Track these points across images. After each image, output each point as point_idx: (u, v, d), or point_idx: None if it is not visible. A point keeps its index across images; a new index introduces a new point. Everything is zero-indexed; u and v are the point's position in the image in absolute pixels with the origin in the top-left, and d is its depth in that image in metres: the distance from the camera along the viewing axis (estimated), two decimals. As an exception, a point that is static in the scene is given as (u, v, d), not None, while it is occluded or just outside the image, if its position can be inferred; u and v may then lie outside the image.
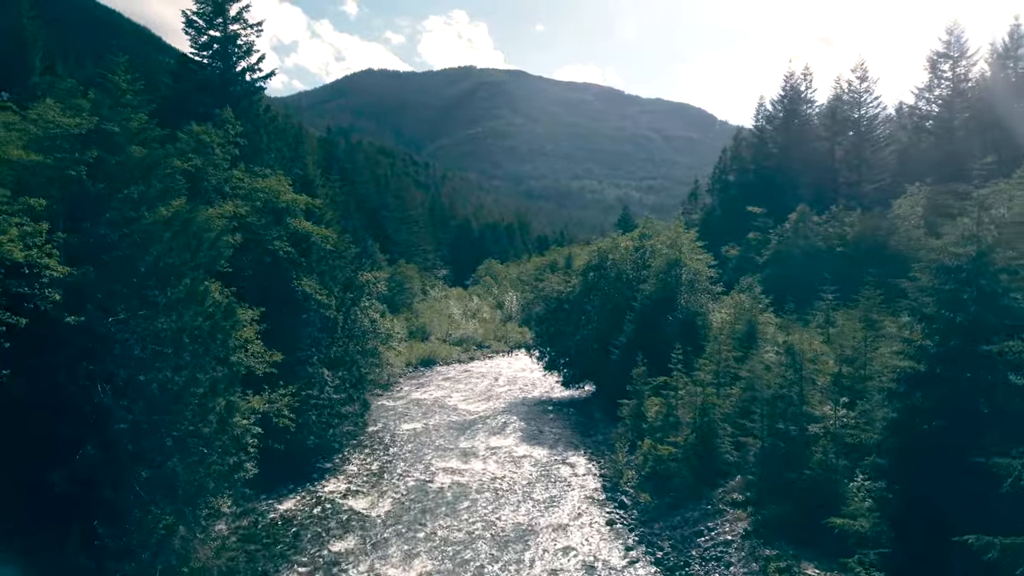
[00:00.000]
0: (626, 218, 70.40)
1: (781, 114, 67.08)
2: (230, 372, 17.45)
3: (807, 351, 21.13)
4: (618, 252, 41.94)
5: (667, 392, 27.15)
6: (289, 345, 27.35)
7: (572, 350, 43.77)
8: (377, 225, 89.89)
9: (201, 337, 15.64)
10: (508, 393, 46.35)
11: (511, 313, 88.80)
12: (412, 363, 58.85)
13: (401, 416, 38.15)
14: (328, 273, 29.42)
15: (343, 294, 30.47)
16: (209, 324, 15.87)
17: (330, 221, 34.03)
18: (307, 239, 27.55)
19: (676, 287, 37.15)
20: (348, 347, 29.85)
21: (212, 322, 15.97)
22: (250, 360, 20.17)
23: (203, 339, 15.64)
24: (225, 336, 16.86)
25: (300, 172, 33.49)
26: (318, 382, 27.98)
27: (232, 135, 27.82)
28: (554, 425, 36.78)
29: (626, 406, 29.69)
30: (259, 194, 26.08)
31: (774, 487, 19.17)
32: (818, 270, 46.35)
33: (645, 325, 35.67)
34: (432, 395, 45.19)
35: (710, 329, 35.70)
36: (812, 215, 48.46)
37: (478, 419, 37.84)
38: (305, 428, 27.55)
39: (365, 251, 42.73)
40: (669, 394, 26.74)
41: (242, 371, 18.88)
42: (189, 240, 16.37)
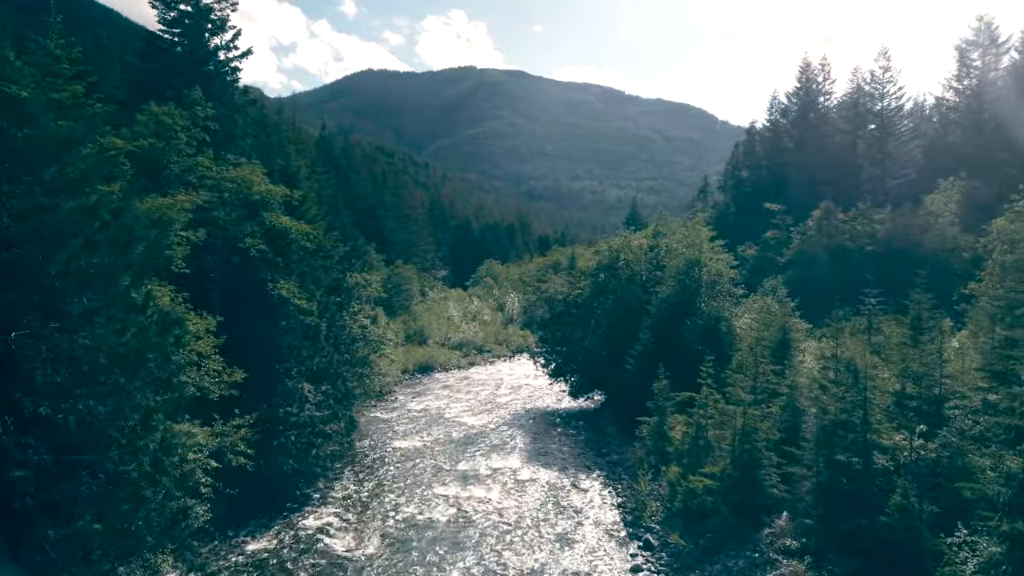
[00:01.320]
0: (634, 216, 67.19)
1: (796, 107, 63.81)
2: (173, 397, 14.13)
3: (867, 366, 17.80)
4: (630, 251, 38.63)
5: (695, 410, 23.83)
6: (263, 357, 24.10)
7: (580, 357, 40.45)
8: (374, 224, 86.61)
9: (128, 356, 12.32)
10: (511, 403, 43.03)
11: (512, 315, 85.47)
12: (409, 369, 55.57)
13: (395, 431, 34.83)
14: (310, 275, 26.13)
15: (327, 298, 27.18)
16: (139, 340, 12.53)
17: (315, 217, 30.76)
18: (285, 236, 24.25)
19: (696, 290, 33.85)
20: (333, 358, 26.53)
21: (143, 337, 12.63)
22: (203, 380, 16.83)
23: (130, 359, 12.32)
24: (163, 353, 13.55)
25: (281, 163, 30.27)
26: (297, 398, 24.68)
27: (201, 118, 24.53)
28: (562, 441, 33.46)
29: (646, 424, 26.38)
30: (228, 184, 22.76)
31: (837, 534, 15.87)
32: (847, 271, 43.17)
33: (663, 332, 32.37)
34: (429, 406, 41.88)
35: (735, 336, 32.45)
36: (837, 212, 45.16)
37: (479, 434, 34.53)
38: (282, 451, 24.27)
39: (355, 250, 39.44)
40: (697, 413, 23.42)
41: (188, 395, 15.51)
42: (119, 234, 13.05)
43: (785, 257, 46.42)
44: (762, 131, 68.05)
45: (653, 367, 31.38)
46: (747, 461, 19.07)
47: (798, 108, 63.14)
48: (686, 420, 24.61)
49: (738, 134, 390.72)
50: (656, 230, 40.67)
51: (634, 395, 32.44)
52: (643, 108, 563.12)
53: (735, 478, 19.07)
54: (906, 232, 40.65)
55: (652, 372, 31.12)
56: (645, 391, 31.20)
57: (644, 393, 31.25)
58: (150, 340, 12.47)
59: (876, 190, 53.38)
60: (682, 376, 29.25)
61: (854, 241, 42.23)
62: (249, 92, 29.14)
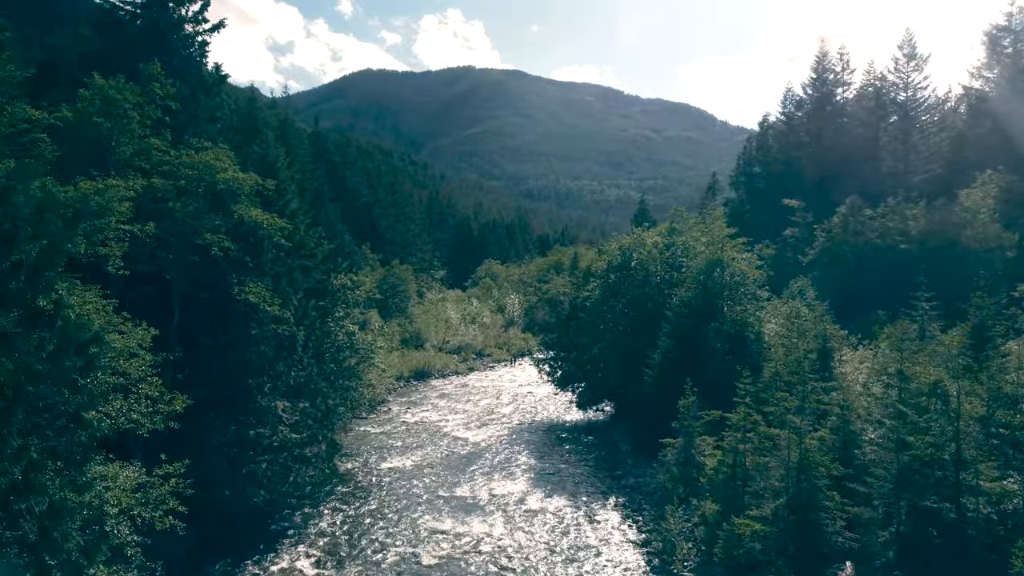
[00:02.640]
0: (643, 213, 63.87)
1: (812, 99, 60.51)
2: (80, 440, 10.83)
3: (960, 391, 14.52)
4: (644, 250, 35.34)
5: (729, 433, 20.55)
6: (231, 372, 20.84)
7: (588, 365, 37.17)
8: (369, 222, 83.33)
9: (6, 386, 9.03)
10: (513, 414, 39.76)
11: (513, 318, 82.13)
12: (404, 376, 52.35)
13: (386, 448, 31.53)
14: (286, 276, 22.84)
15: (306, 303, 23.86)
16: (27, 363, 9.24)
17: (296, 211, 27.47)
18: (256, 232, 20.94)
19: (718, 292, 30.60)
20: (312, 371, 23.22)
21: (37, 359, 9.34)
22: (133, 412, 13.49)
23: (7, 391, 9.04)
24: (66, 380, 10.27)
25: (258, 150, 27.02)
26: (270, 418, 21.40)
27: (159, 96, 21.23)
28: (571, 460, 30.17)
29: (671, 447, 23.09)
30: (187, 170, 19.46)
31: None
32: (878, 272, 39.99)
33: (683, 339, 29.11)
34: (425, 417, 38.60)
35: (764, 344, 29.22)
36: (864, 208, 41.90)
37: (478, 452, 31.25)
38: (252, 480, 21.01)
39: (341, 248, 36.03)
40: (732, 437, 20.14)
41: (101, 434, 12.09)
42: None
43: (808, 257, 43.16)
44: (775, 124, 64.78)
45: (674, 378, 28.15)
46: (804, 501, 15.80)
47: (814, 100, 59.87)
48: (718, 444, 21.35)
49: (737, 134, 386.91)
50: (671, 227, 37.41)
51: (652, 409, 29.22)
52: (642, 108, 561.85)
53: (791, 523, 15.80)
54: (943, 229, 37.41)
55: (673, 384, 27.88)
56: (665, 405, 27.96)
57: (664, 407, 28.02)
58: (30, 365, 9.14)
59: (899, 185, 50.09)
60: (707, 389, 26.05)
61: (884, 239, 38.95)
62: (222, 70, 25.77)
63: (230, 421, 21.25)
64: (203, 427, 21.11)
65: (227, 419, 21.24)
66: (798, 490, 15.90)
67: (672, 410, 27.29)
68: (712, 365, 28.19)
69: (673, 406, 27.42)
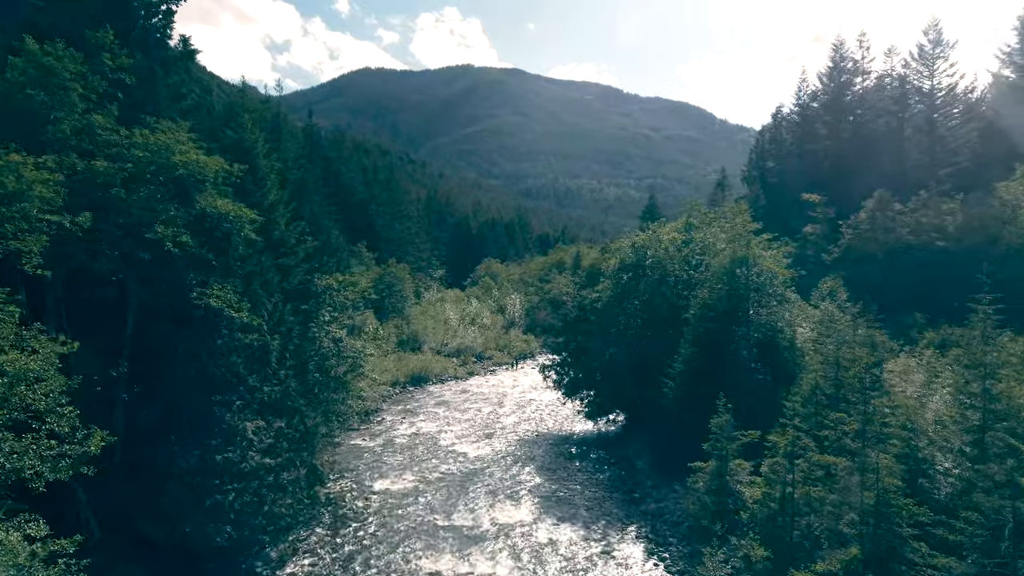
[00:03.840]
0: (652, 210, 60.81)
1: (829, 89, 57.53)
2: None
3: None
4: (660, 247, 32.38)
5: (774, 460, 17.63)
6: (192, 388, 17.88)
7: (598, 372, 34.22)
8: (366, 220, 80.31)
9: None
10: (517, 425, 36.82)
11: (514, 318, 79.21)
12: (400, 381, 49.46)
13: (378, 465, 28.57)
14: (258, 276, 19.84)
15: (283, 307, 20.87)
16: None
17: (275, 203, 24.49)
18: (221, 225, 17.96)
19: (744, 294, 27.67)
20: (289, 386, 20.23)
21: None
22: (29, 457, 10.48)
23: None
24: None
25: (233, 135, 24.07)
26: (239, 442, 18.45)
27: (109, 67, 18.28)
28: (583, 480, 27.23)
29: (701, 473, 20.12)
30: (137, 152, 16.49)
31: None
32: (910, 270, 37.03)
33: (707, 345, 26.15)
34: (421, 429, 35.65)
35: (798, 352, 26.30)
36: (893, 203, 38.99)
37: (480, 470, 28.32)
38: (215, 514, 18.04)
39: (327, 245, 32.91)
40: (777, 464, 17.20)
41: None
42: None
43: (832, 255, 40.21)
44: (789, 116, 61.81)
45: (698, 390, 25.22)
46: (884, 554, 12.86)
47: (831, 90, 56.89)
48: (757, 470, 18.45)
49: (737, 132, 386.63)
50: (687, 222, 34.46)
51: (673, 425, 26.32)
52: (641, 106, 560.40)
53: (867, 579, 12.86)
54: (983, 225, 34.47)
55: (697, 397, 24.96)
56: (689, 420, 25.05)
57: (687, 423, 25.12)
58: None
59: (925, 178, 47.18)
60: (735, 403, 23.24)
61: (918, 236, 36.02)
62: (191, 44, 22.76)
63: (193, 444, 18.33)
64: (160, 451, 18.26)
65: (189, 442, 18.32)
66: (875, 540, 12.96)
67: (697, 426, 24.36)
68: (740, 376, 25.30)
69: (698, 421, 24.49)
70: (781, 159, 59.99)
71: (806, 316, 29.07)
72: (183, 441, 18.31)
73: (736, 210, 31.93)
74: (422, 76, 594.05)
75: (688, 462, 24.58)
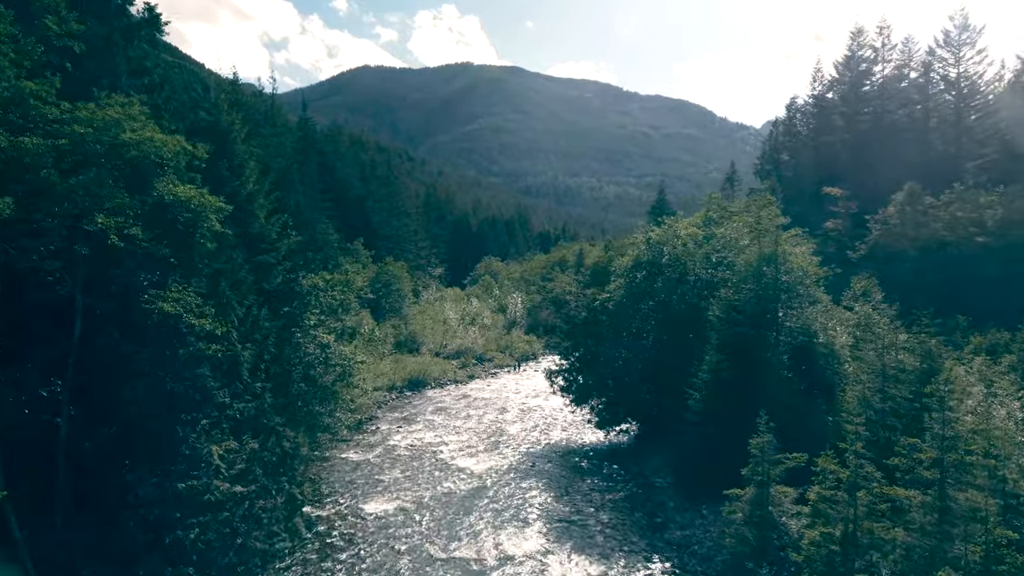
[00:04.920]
0: (661, 205, 58.11)
1: (847, 78, 54.90)
2: None
3: None
4: (677, 243, 29.77)
5: (826, 487, 15.04)
6: (148, 407, 15.28)
7: (611, 379, 31.60)
8: (363, 217, 77.63)
9: None
10: (521, 435, 34.23)
11: (516, 318, 76.61)
12: (397, 386, 46.88)
13: (370, 483, 25.96)
14: (228, 276, 17.22)
15: (258, 310, 18.25)
16: None
17: (254, 194, 21.87)
18: (181, 215, 15.33)
19: (774, 294, 25.05)
20: (265, 402, 17.61)
21: None
22: None
23: None
24: None
25: (208, 117, 21.44)
26: (205, 467, 15.85)
27: (55, 33, 15.65)
28: (597, 501, 24.60)
29: (739, 503, 17.51)
30: (79, 128, 13.87)
31: None
32: (946, 268, 34.43)
33: (736, 352, 23.52)
34: (418, 439, 33.07)
35: (837, 360, 23.66)
36: (925, 196, 36.40)
37: (482, 488, 25.72)
38: (177, 553, 15.44)
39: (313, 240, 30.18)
40: (842, 498, 14.60)
41: None
42: None
43: (858, 252, 37.62)
44: (804, 107, 59.15)
45: (726, 402, 22.67)
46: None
47: (849, 80, 54.27)
48: (803, 498, 15.89)
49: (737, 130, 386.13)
50: (707, 216, 31.84)
51: (698, 439, 23.73)
52: (641, 104, 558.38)
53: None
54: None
55: (725, 409, 22.39)
56: (715, 434, 22.52)
57: (714, 437, 22.57)
58: None
59: (950, 171, 44.66)
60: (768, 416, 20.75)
61: (953, 231, 33.43)
62: (156, 10, 20.10)
63: (150, 471, 15.73)
64: (112, 480, 15.66)
65: (146, 469, 15.72)
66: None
67: (724, 442, 21.86)
68: (772, 386, 22.72)
69: (724, 437, 21.99)
70: (796, 152, 57.41)
71: (841, 319, 26.47)
72: (138, 467, 15.72)
73: (762, 202, 29.35)
74: (421, 74, 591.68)
75: (715, 482, 22.00)
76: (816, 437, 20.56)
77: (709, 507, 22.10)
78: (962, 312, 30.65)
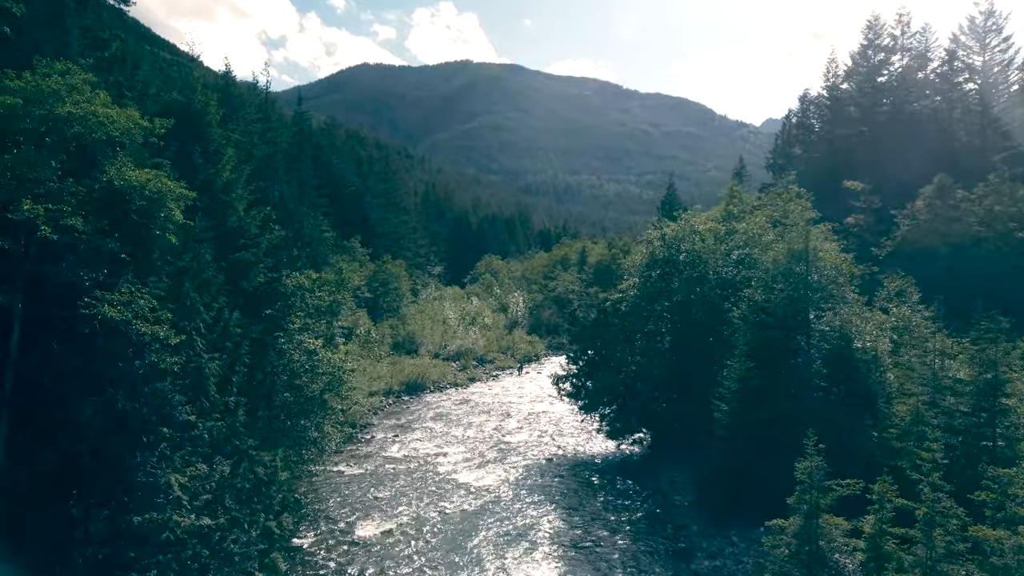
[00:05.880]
0: (671, 200, 55.66)
1: (863, 68, 52.62)
2: None
3: None
4: (696, 239, 27.49)
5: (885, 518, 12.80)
6: (97, 428, 13.03)
7: (622, 385, 29.37)
8: (359, 213, 75.29)
9: None
10: (526, 445, 32.02)
11: (517, 318, 74.39)
12: (394, 390, 44.62)
13: (361, 502, 23.69)
14: (195, 275, 14.94)
15: (229, 315, 15.97)
16: None
17: (232, 183, 19.58)
18: (133, 202, 13.04)
19: (805, 295, 22.78)
20: (237, 420, 15.32)
21: None
22: None
23: None
24: None
25: (180, 98, 19.17)
26: (164, 498, 13.59)
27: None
28: (612, 522, 22.35)
29: (783, 536, 15.23)
30: (6, 99, 11.59)
31: None
32: (981, 265, 32.27)
33: (766, 360, 21.26)
34: (416, 450, 30.84)
35: (880, 369, 21.38)
36: (956, 189, 34.15)
37: (485, 508, 23.47)
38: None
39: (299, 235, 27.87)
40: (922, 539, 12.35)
41: None
42: None
43: (883, 249, 35.35)
44: (818, 99, 56.83)
45: (755, 413, 20.49)
46: None
47: (865, 70, 51.99)
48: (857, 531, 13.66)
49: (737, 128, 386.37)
50: (726, 210, 29.58)
51: (724, 454, 21.50)
52: (640, 102, 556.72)
53: None
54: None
55: (758, 423, 20.20)
56: (745, 450, 20.34)
57: (743, 452, 20.39)
58: None
59: (975, 164, 42.42)
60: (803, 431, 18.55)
61: (991, 226, 31.18)
62: None
63: (101, 503, 13.48)
64: (57, 513, 13.39)
65: (96, 500, 13.47)
66: None
67: (757, 460, 19.66)
68: (807, 398, 20.51)
69: (757, 453, 19.80)
70: (809, 145, 55.15)
71: (877, 322, 24.20)
72: (87, 499, 13.47)
73: (789, 195, 27.22)
74: (420, 72, 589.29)
75: (745, 504, 19.85)
76: (861, 456, 18.34)
77: (740, 533, 19.89)
78: (1004, 313, 28.40)
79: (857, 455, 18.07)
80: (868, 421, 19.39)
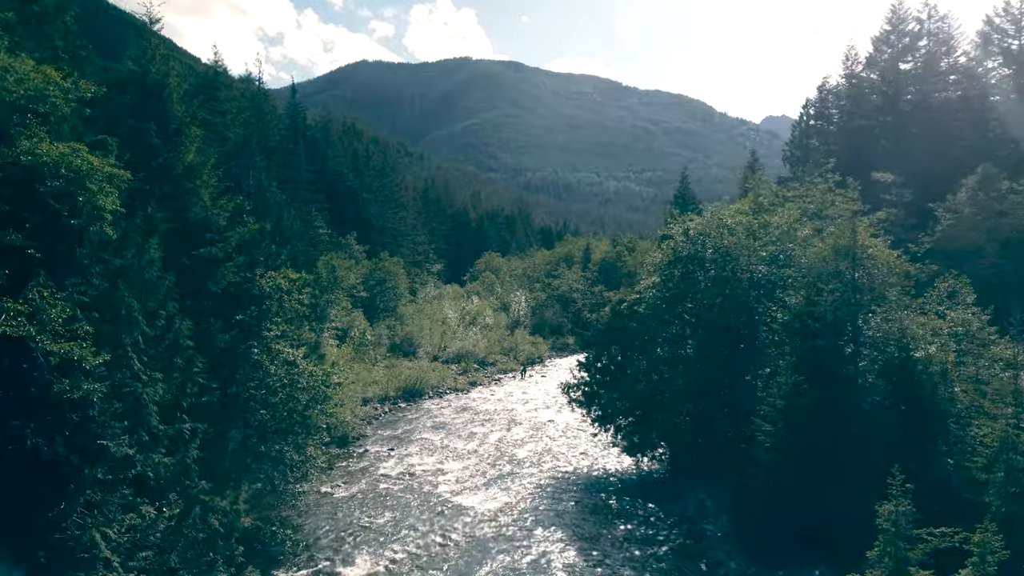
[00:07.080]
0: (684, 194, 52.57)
1: (886, 55, 49.71)
2: None
3: None
4: (724, 234, 24.62)
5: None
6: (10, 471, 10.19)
7: (641, 396, 26.47)
8: (355, 210, 72.43)
9: None
10: (533, 460, 29.24)
11: (519, 318, 71.53)
12: (390, 395, 41.91)
13: (350, 531, 20.88)
14: (132, 275, 12.08)
15: (178, 323, 13.12)
16: None
17: (196, 167, 16.72)
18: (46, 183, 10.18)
19: (855, 299, 19.94)
20: (188, 455, 12.46)
21: None
22: None
23: None
24: None
25: (134, 68, 16.36)
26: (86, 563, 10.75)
27: None
28: (637, 557, 19.52)
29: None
30: None
31: None
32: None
33: (817, 374, 18.41)
34: (412, 466, 28.07)
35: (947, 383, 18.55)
36: (1002, 178, 31.34)
37: (490, 537, 20.66)
38: None
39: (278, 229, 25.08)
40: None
41: None
42: None
43: (921, 247, 32.44)
44: (837, 88, 53.93)
45: (804, 435, 17.70)
46: None
47: (888, 57, 49.10)
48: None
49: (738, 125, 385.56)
50: (756, 201, 26.74)
51: (767, 481, 18.66)
52: (640, 100, 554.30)
53: None
54: None
55: (809, 448, 17.40)
56: (791, 477, 17.56)
57: (788, 480, 17.62)
58: None
59: (1013, 154, 39.62)
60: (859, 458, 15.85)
61: (1046, 220, 28.38)
62: None
63: (9, 568, 10.65)
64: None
65: (2, 564, 10.64)
66: None
67: (805, 489, 16.91)
68: (864, 418, 17.70)
69: (805, 481, 17.04)
70: (827, 136, 52.29)
71: (934, 328, 21.38)
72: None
73: (827, 185, 24.39)
74: (419, 69, 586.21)
75: (795, 539, 17.11)
76: (936, 489, 15.57)
77: (787, 572, 17.08)
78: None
79: (931, 487, 15.30)
80: (942, 447, 16.58)
